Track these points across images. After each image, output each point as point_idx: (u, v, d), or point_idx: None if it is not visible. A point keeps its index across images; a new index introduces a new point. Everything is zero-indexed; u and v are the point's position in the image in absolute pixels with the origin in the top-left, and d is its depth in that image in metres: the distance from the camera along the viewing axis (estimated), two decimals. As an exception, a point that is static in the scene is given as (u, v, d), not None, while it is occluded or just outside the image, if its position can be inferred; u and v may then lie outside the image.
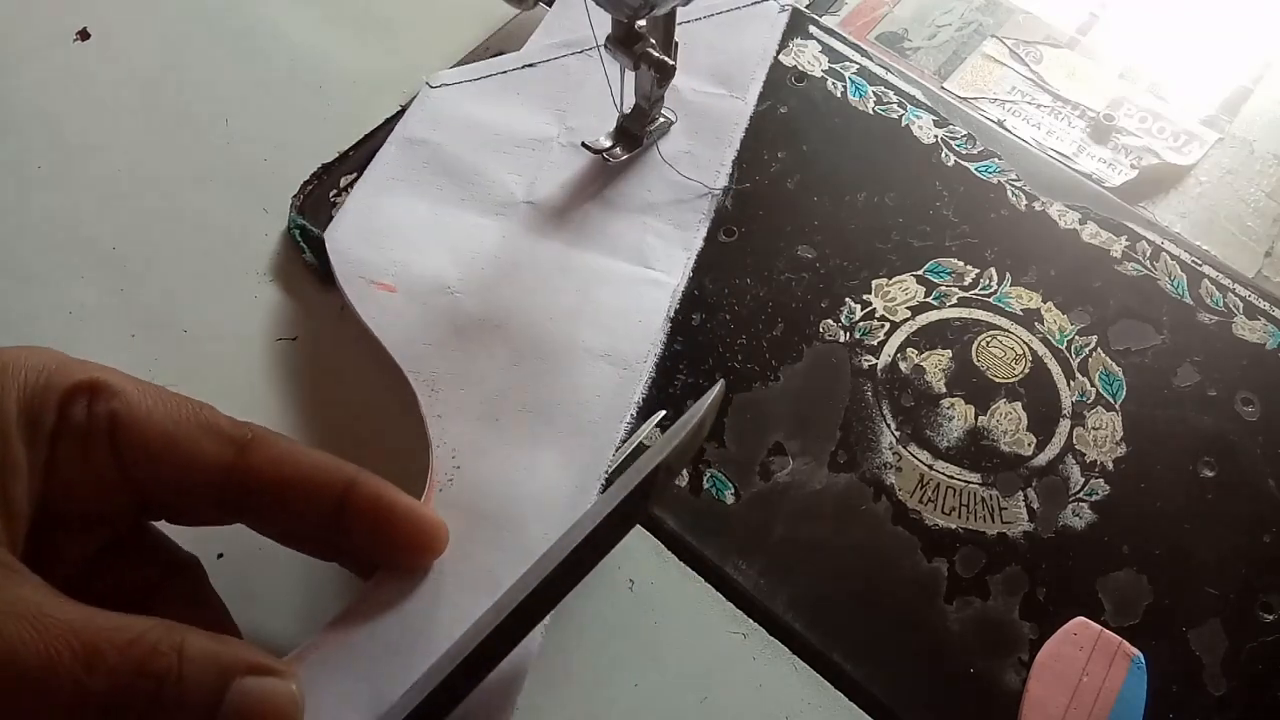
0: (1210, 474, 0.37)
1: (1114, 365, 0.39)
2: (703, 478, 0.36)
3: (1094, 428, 0.38)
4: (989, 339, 0.40)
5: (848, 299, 0.40)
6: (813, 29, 0.48)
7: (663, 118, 0.43)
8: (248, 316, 0.39)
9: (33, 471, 0.25)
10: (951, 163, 0.44)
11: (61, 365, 0.26)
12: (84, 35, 0.47)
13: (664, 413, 0.36)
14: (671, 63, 0.38)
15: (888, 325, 0.40)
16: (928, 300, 0.41)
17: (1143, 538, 0.36)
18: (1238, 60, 0.50)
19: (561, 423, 0.35)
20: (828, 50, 0.48)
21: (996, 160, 0.44)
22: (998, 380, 0.39)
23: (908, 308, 0.40)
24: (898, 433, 0.37)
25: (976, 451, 0.37)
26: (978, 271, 0.41)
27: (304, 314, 0.40)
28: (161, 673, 0.22)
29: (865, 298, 0.41)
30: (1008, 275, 0.41)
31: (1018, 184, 0.44)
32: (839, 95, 0.46)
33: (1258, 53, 0.50)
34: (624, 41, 0.37)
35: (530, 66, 0.45)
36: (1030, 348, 0.40)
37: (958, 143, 0.45)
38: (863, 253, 0.42)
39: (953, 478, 0.37)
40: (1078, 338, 0.40)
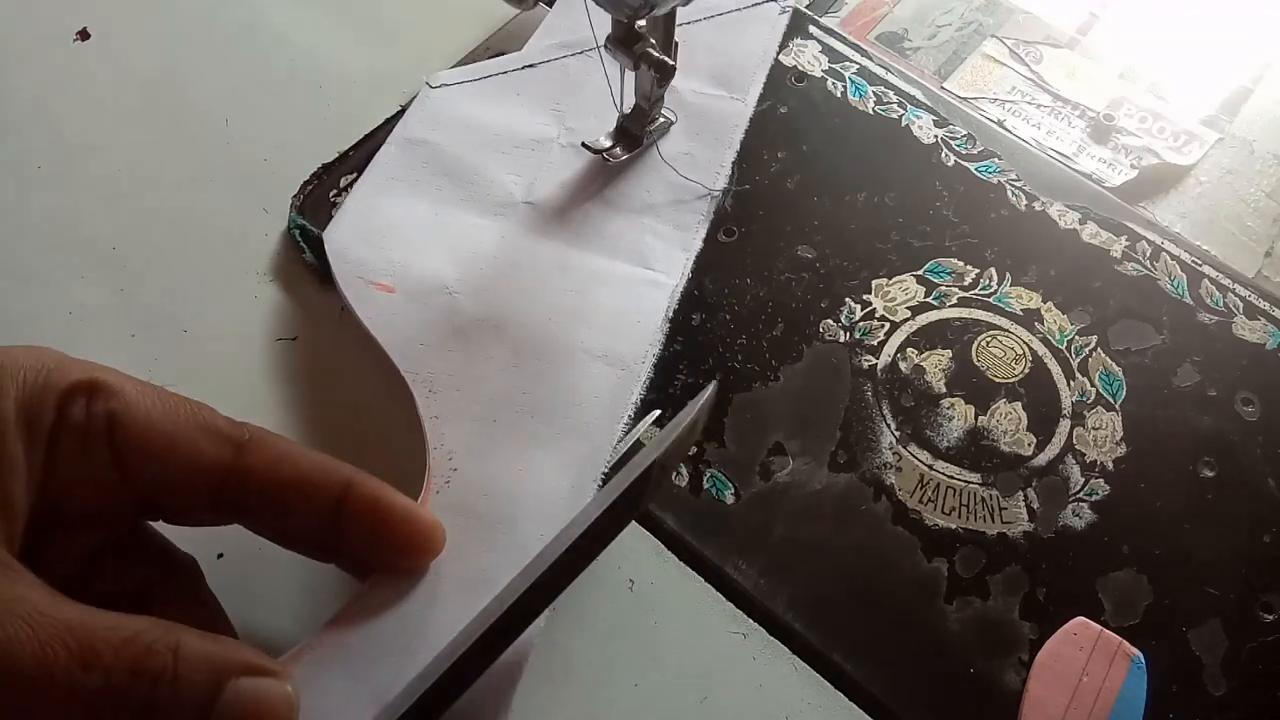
0: (1210, 474, 0.37)
1: (1114, 365, 0.39)
2: (703, 478, 0.36)
3: (1094, 428, 0.38)
4: (989, 339, 0.40)
5: (848, 299, 0.40)
6: (813, 29, 0.48)
7: (663, 118, 0.43)
8: (248, 316, 0.39)
9: (31, 471, 0.25)
10: (951, 163, 0.44)
11: (60, 364, 0.26)
12: (84, 35, 0.47)
13: (659, 412, 0.36)
14: (671, 63, 0.38)
15: (888, 325, 0.40)
16: (928, 300, 0.41)
17: (1143, 538, 0.36)
18: (1238, 60, 0.50)
19: (559, 424, 0.35)
20: (828, 50, 0.48)
21: (996, 160, 0.44)
22: (998, 380, 0.39)
23: (908, 308, 0.40)
24: (898, 433, 0.37)
25: (976, 451, 0.37)
26: (978, 271, 0.41)
27: (304, 314, 0.40)
28: (157, 672, 0.22)
29: (865, 298, 0.41)
30: (1008, 275, 0.41)
31: (1018, 184, 0.44)
32: (839, 95, 0.46)
33: (1258, 53, 0.50)
34: (624, 41, 0.37)
35: (530, 67, 0.45)
36: (1030, 348, 0.40)
37: (958, 143, 0.45)
38: (863, 253, 0.42)
39: (953, 478, 0.37)
40: (1078, 338, 0.40)
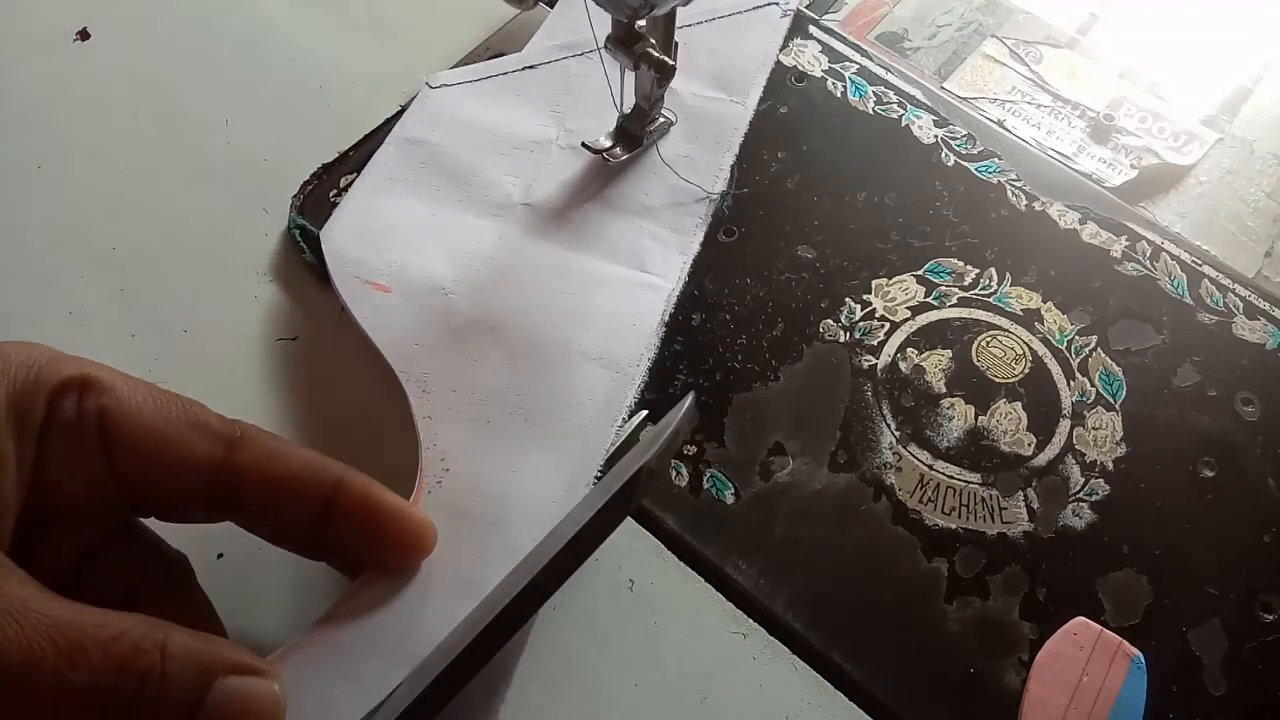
0: (1210, 474, 0.37)
1: (1114, 365, 0.39)
2: (703, 478, 0.36)
3: (1094, 428, 0.38)
4: (989, 339, 0.40)
5: (848, 299, 0.40)
6: (813, 29, 0.48)
7: (663, 118, 0.43)
8: (247, 316, 0.39)
9: (21, 467, 0.25)
10: (951, 163, 0.44)
11: (52, 361, 0.26)
12: (84, 35, 0.47)
13: (647, 411, 0.36)
14: (671, 63, 0.38)
15: (888, 325, 0.40)
16: (928, 300, 0.41)
17: (1143, 538, 0.36)
18: (1238, 60, 0.50)
19: (552, 425, 0.35)
20: (828, 50, 0.48)
21: (996, 160, 0.44)
22: (998, 380, 0.39)
23: (908, 308, 0.40)
24: (898, 433, 0.37)
25: (976, 451, 0.37)
26: (978, 271, 0.41)
27: (304, 314, 0.40)
28: (144, 670, 0.22)
29: (865, 298, 0.41)
30: (1008, 275, 0.41)
31: (1018, 184, 0.44)
32: (839, 95, 0.46)
33: (1258, 53, 0.50)
34: (624, 41, 0.37)
35: (531, 68, 0.45)
36: (1030, 348, 0.40)
37: (958, 143, 0.45)
38: (863, 253, 0.42)
39: (953, 478, 0.37)
40: (1078, 338, 0.40)
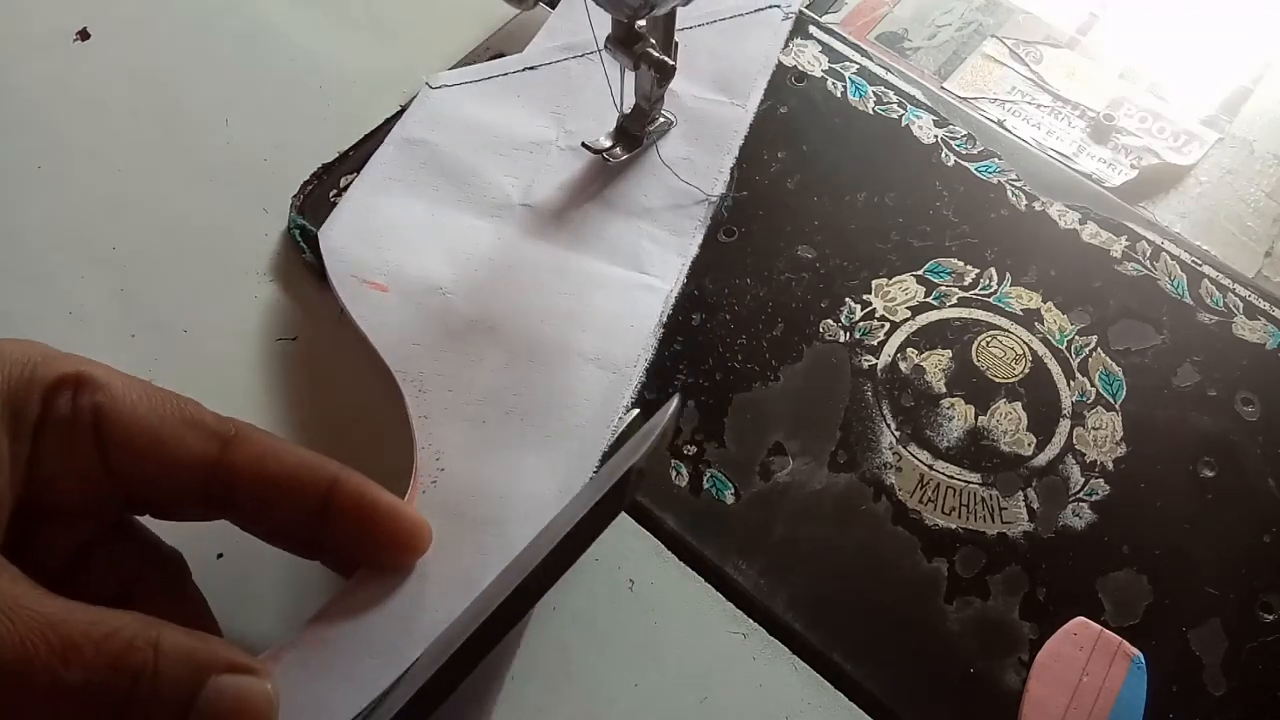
0: (1210, 474, 0.37)
1: (1114, 365, 0.39)
2: (703, 478, 0.36)
3: (1094, 428, 0.38)
4: (989, 339, 0.40)
5: (848, 299, 0.40)
6: (813, 29, 0.48)
7: (663, 118, 0.43)
8: (247, 316, 0.39)
9: (15, 464, 0.25)
10: (951, 163, 0.44)
11: (46, 358, 0.26)
12: (84, 35, 0.47)
13: (639, 410, 0.36)
14: (671, 63, 0.38)
15: (888, 325, 0.40)
16: (928, 300, 0.41)
17: (1143, 538, 0.36)
18: (1238, 60, 0.50)
19: (549, 426, 0.35)
20: (828, 50, 0.48)
21: (996, 160, 0.44)
22: (998, 380, 0.39)
23: (908, 308, 0.40)
24: (898, 433, 0.37)
25: (976, 451, 0.37)
26: (978, 271, 0.41)
27: (304, 314, 0.40)
28: (137, 668, 0.22)
29: (865, 298, 0.41)
30: (1008, 275, 0.41)
31: (1018, 184, 0.44)
32: (839, 95, 0.46)
33: (1258, 53, 0.50)
34: (624, 41, 0.37)
35: (531, 69, 0.45)
36: (1030, 348, 0.40)
37: (958, 143, 0.45)
38: (863, 253, 0.42)
39: (953, 478, 0.37)
40: (1078, 338, 0.40)
